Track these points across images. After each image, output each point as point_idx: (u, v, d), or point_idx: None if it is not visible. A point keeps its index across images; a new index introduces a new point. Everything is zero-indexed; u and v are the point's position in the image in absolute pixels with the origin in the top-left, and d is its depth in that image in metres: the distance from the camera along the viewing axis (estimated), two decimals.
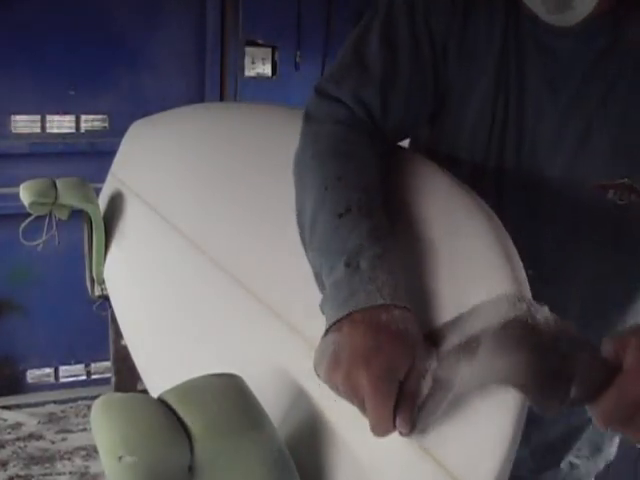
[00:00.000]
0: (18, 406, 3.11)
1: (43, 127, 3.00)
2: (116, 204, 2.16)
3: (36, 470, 2.70)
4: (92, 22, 2.96)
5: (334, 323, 0.79)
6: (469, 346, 0.73)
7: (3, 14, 2.82)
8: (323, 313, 0.83)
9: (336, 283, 0.82)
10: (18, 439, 2.89)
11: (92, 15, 2.95)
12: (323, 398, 1.01)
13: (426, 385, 0.75)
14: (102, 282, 2.16)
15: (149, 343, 1.71)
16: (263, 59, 3.16)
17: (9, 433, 2.93)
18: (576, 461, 1.19)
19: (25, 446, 2.84)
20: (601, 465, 1.25)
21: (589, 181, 0.95)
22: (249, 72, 3.15)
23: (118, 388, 2.29)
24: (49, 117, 3.00)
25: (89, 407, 3.12)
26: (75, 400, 3.17)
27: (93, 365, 3.27)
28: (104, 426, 0.87)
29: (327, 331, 0.80)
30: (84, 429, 2.97)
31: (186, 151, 1.87)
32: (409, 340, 0.75)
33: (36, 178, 2.20)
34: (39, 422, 3.01)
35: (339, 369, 0.76)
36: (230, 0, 3.08)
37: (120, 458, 0.81)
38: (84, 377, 3.27)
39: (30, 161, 2.90)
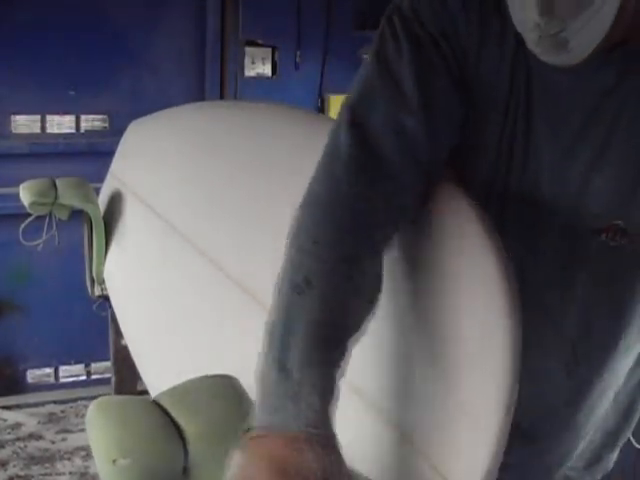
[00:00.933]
0: (18, 406, 3.10)
1: (43, 127, 3.00)
2: (116, 204, 2.16)
3: (36, 470, 2.70)
4: (92, 22, 2.96)
5: (254, 432, 0.77)
6: None
7: (3, 14, 2.81)
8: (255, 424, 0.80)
9: (266, 380, 0.79)
10: (18, 439, 2.89)
11: (92, 15, 2.95)
12: None
13: None
14: (102, 282, 2.16)
15: (149, 343, 1.71)
16: (263, 59, 3.16)
17: (9, 433, 2.93)
18: (571, 473, 1.17)
19: (25, 446, 2.84)
20: (598, 476, 1.23)
21: (586, 221, 0.94)
22: (249, 72, 3.15)
23: (118, 388, 2.29)
24: (49, 117, 3.00)
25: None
26: (75, 400, 3.16)
27: (93, 365, 3.26)
28: (98, 429, 0.88)
29: (244, 439, 0.77)
30: (84, 429, 2.94)
31: (185, 150, 1.87)
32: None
33: (36, 178, 2.20)
34: (39, 422, 3.01)
35: None
36: (230, 0, 3.08)
37: (114, 461, 0.81)
38: (84, 377, 3.27)
39: (30, 161, 2.89)
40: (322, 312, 0.79)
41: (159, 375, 1.56)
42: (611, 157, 0.91)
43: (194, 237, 1.59)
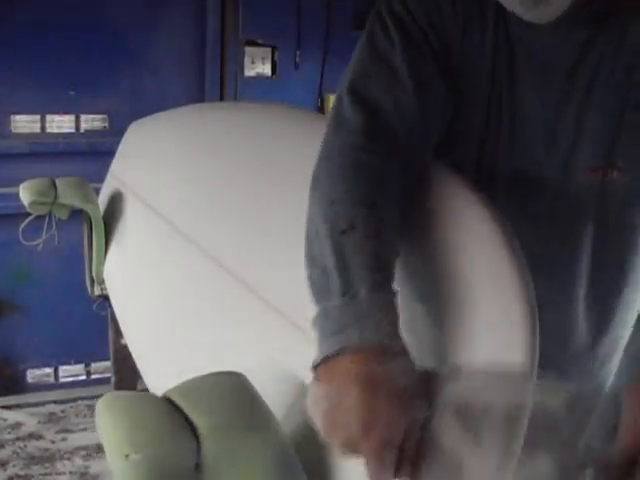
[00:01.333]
0: (18, 406, 3.10)
1: (43, 127, 3.00)
2: (116, 204, 2.16)
3: (36, 470, 2.70)
4: (92, 22, 2.96)
5: (324, 360, 0.79)
6: (472, 413, 0.73)
7: (3, 14, 2.81)
8: (318, 355, 0.82)
9: (328, 310, 0.81)
10: (18, 439, 2.89)
11: (92, 15, 2.95)
12: None
13: (424, 445, 0.74)
14: (102, 282, 2.16)
15: (149, 342, 1.71)
16: (263, 59, 3.15)
17: (9, 433, 2.92)
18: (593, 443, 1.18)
19: (25, 446, 2.84)
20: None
21: (584, 167, 1.00)
22: (249, 72, 3.15)
23: (118, 388, 2.29)
24: (49, 117, 3.00)
25: (89, 407, 3.11)
26: (75, 400, 3.16)
27: (93, 365, 3.26)
28: (110, 425, 0.88)
29: (317, 366, 0.80)
30: (84, 429, 2.96)
31: (185, 151, 1.87)
32: (407, 398, 0.74)
33: (36, 178, 2.20)
34: (39, 422, 3.01)
35: (337, 432, 0.75)
36: (230, 0, 3.08)
37: (127, 456, 0.81)
38: (84, 377, 3.27)
39: (30, 161, 2.89)
40: (372, 245, 0.84)
41: (159, 374, 1.56)
42: (594, 107, 0.99)
43: (194, 237, 1.59)
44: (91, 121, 3.07)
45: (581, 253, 1.02)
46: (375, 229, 0.86)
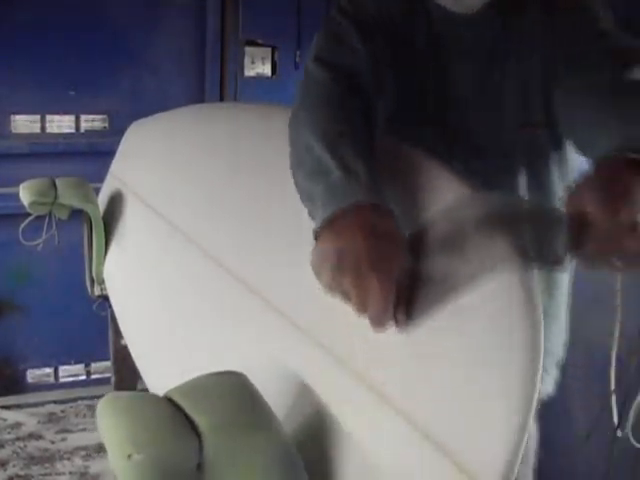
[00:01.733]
0: (18, 406, 3.10)
1: (43, 127, 3.00)
2: (116, 204, 2.16)
3: (36, 470, 2.70)
4: (92, 22, 2.96)
5: (330, 220, 0.90)
6: (454, 242, 0.85)
7: (3, 14, 2.81)
8: (311, 216, 0.97)
9: (331, 187, 0.93)
10: (18, 439, 2.89)
11: (92, 15, 2.95)
12: (329, 394, 1.01)
13: (416, 280, 0.87)
14: (102, 282, 2.16)
15: (149, 342, 1.71)
16: (263, 59, 3.16)
17: (9, 433, 2.92)
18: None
19: (25, 446, 2.84)
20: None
21: (513, 127, 1.23)
22: (249, 72, 3.15)
23: (118, 388, 2.29)
24: (49, 117, 3.00)
25: (89, 407, 3.11)
26: (75, 400, 3.16)
27: (93, 365, 3.27)
28: (112, 425, 0.88)
29: (319, 232, 0.92)
30: (84, 429, 2.96)
31: (185, 151, 1.87)
32: (400, 241, 0.88)
33: (36, 178, 2.20)
34: (39, 422, 3.01)
35: (346, 275, 0.86)
36: (230, 0, 3.08)
37: (129, 456, 0.81)
38: (84, 377, 3.27)
39: (30, 161, 2.89)
40: (361, 146, 0.99)
41: (159, 375, 1.56)
42: (510, 79, 1.22)
43: (194, 237, 1.59)
44: (91, 121, 3.07)
45: (517, 189, 1.24)
46: (361, 134, 1.03)
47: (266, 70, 3.17)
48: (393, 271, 0.85)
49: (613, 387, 1.90)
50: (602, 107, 1.04)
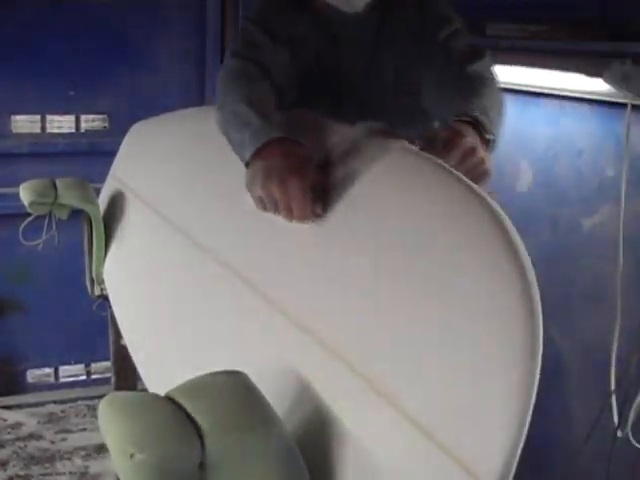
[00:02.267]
0: (18, 406, 3.10)
1: (43, 127, 3.00)
2: (116, 204, 2.16)
3: (36, 470, 2.70)
4: (92, 22, 2.96)
5: (256, 153, 1.22)
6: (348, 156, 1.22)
7: (3, 14, 2.81)
8: (242, 158, 1.27)
9: (255, 131, 1.25)
10: (18, 439, 2.89)
11: (92, 15, 2.95)
12: (330, 394, 1.01)
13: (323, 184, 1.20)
14: (102, 282, 2.16)
15: (149, 343, 1.71)
16: None
17: (9, 433, 2.93)
18: None
19: (25, 446, 2.84)
20: None
21: (392, 95, 1.61)
22: None
23: (118, 388, 2.29)
24: (49, 117, 3.00)
25: (89, 407, 3.11)
26: (75, 400, 3.16)
27: (93, 365, 3.26)
28: (113, 424, 0.88)
29: (249, 162, 1.24)
30: (84, 429, 2.96)
31: (186, 152, 1.87)
32: (309, 158, 1.22)
33: (36, 178, 2.20)
34: (39, 422, 3.01)
35: (273, 180, 1.17)
36: (230, 0, 3.08)
37: (131, 456, 0.81)
38: (84, 377, 3.27)
39: (30, 161, 2.89)
40: (272, 102, 1.38)
41: (159, 375, 1.56)
42: (389, 61, 1.59)
43: (195, 237, 1.59)
44: (91, 121, 3.07)
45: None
46: (272, 99, 1.39)
47: None
48: (307, 176, 1.17)
49: (613, 387, 1.90)
50: (450, 88, 1.48)
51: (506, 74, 2.26)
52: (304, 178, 1.16)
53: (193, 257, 1.56)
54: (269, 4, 1.63)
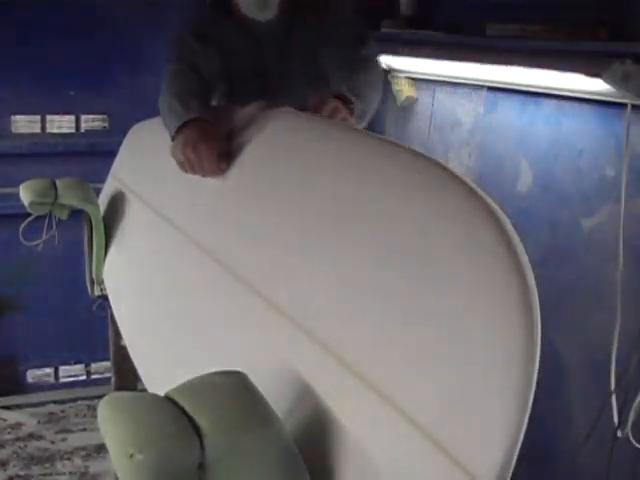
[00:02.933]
0: (18, 406, 3.11)
1: (43, 127, 3.00)
2: (116, 205, 2.16)
3: (36, 470, 2.70)
4: (92, 22, 2.96)
5: (178, 130, 1.68)
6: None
7: (3, 14, 2.82)
8: (170, 135, 1.70)
9: (178, 114, 1.72)
10: (18, 439, 2.89)
11: (92, 15, 2.95)
12: (330, 393, 1.01)
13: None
14: (102, 282, 2.16)
15: (149, 343, 1.71)
16: None
17: (9, 433, 2.93)
18: None
19: (25, 446, 2.84)
20: None
21: (299, 84, 1.97)
22: None
23: (118, 388, 2.29)
24: (49, 117, 3.01)
25: (89, 407, 3.11)
26: (75, 400, 3.17)
27: (93, 365, 3.27)
28: (113, 425, 0.88)
29: (174, 137, 1.69)
30: (84, 429, 2.97)
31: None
32: (218, 132, 1.67)
33: (36, 178, 2.20)
34: (39, 422, 3.01)
35: (189, 147, 1.62)
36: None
37: (131, 456, 0.81)
38: (84, 377, 3.27)
39: (30, 161, 2.89)
40: (198, 98, 1.80)
41: (159, 375, 1.56)
42: (298, 56, 1.96)
43: (195, 238, 1.59)
44: (91, 121, 3.07)
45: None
46: (197, 92, 1.82)
47: None
48: (214, 143, 1.62)
49: (613, 387, 1.90)
50: (341, 70, 1.87)
51: (506, 74, 2.27)
52: (212, 144, 1.61)
53: (193, 257, 1.56)
54: (200, 15, 2.07)
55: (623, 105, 1.90)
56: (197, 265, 1.54)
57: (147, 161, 2.11)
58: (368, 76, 1.88)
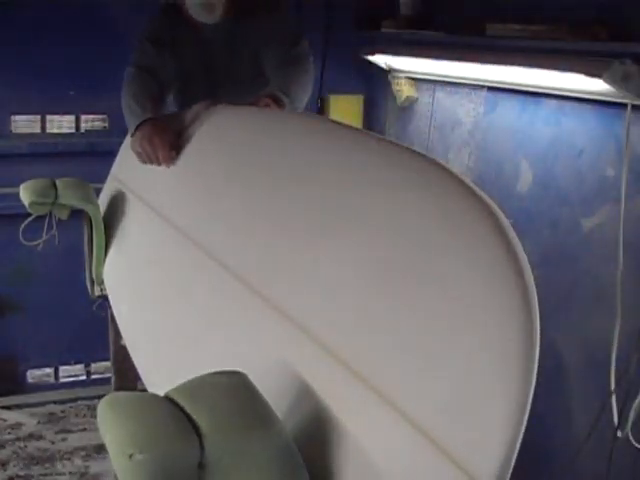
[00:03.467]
0: (18, 406, 3.10)
1: (43, 127, 3.00)
2: (116, 205, 2.16)
3: (36, 470, 2.70)
4: (92, 22, 2.95)
5: (137, 128, 1.98)
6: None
7: (3, 14, 2.81)
8: (130, 133, 2.02)
9: (136, 115, 2.01)
10: (18, 439, 2.89)
11: (92, 15, 2.95)
12: (329, 394, 1.01)
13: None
14: (102, 282, 2.16)
15: (148, 343, 1.71)
16: None
17: (9, 433, 2.93)
18: None
19: (25, 446, 2.84)
20: None
21: (243, 81, 2.26)
22: None
23: (118, 388, 2.29)
24: (49, 117, 3.00)
25: (89, 407, 3.11)
26: (75, 400, 3.16)
27: (93, 365, 3.27)
28: (112, 425, 0.88)
29: (133, 134, 2.00)
30: (84, 429, 2.96)
31: (186, 152, 1.87)
32: (169, 129, 1.96)
33: (36, 178, 2.20)
34: (39, 422, 3.01)
35: (145, 140, 1.94)
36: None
37: (131, 456, 0.81)
38: (84, 377, 3.27)
39: (30, 161, 2.89)
40: (151, 102, 2.08)
41: (159, 375, 1.56)
42: (244, 55, 2.21)
43: (194, 238, 1.59)
44: (91, 121, 3.07)
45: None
46: (152, 95, 2.10)
47: None
48: (166, 137, 1.93)
49: (613, 387, 1.90)
50: (276, 74, 2.13)
51: (506, 74, 2.27)
52: (164, 138, 1.93)
53: (192, 257, 1.56)
54: (155, 19, 2.30)
55: (623, 105, 1.90)
56: (197, 265, 1.54)
57: None
58: (298, 76, 2.12)
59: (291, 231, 1.27)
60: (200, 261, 1.52)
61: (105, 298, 2.16)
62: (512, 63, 2.16)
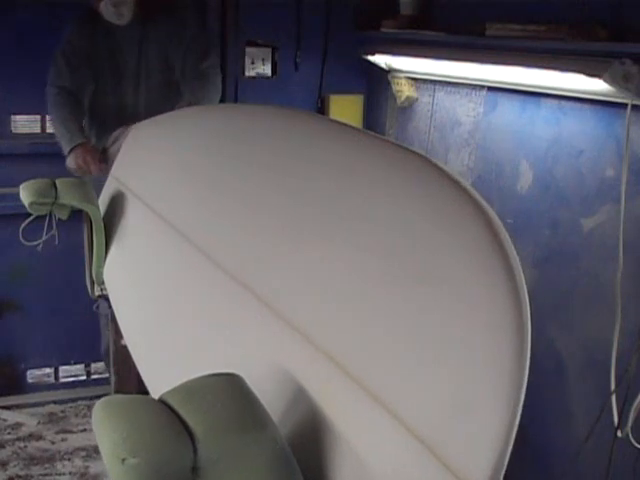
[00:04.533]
0: (18, 406, 3.11)
1: (43, 127, 3.00)
2: (116, 205, 2.16)
3: (36, 470, 2.70)
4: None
5: (71, 150, 2.55)
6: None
7: (3, 14, 2.82)
8: (65, 153, 2.58)
9: (67, 139, 2.56)
10: (18, 439, 2.89)
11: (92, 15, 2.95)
12: (324, 397, 1.01)
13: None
14: (102, 282, 2.16)
15: (148, 343, 1.71)
16: (263, 59, 3.15)
17: (9, 433, 2.93)
18: None
19: (25, 446, 2.84)
20: None
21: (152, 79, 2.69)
22: (249, 72, 3.15)
23: (118, 388, 2.29)
24: (49, 117, 3.00)
25: (89, 407, 3.12)
26: (75, 400, 3.17)
27: (93, 365, 3.26)
28: (106, 428, 0.87)
29: (67, 155, 2.56)
30: (84, 429, 2.96)
31: (185, 152, 1.87)
32: (96, 150, 2.60)
33: (36, 178, 2.20)
34: (39, 422, 3.01)
35: (80, 158, 2.54)
36: (230, 0, 3.08)
37: (123, 460, 0.81)
38: (84, 377, 3.27)
39: (30, 161, 2.90)
40: (76, 123, 2.64)
41: (159, 375, 1.56)
42: (152, 54, 2.62)
43: (194, 238, 1.59)
44: None
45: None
46: (75, 115, 2.63)
47: (266, 70, 3.17)
48: (94, 155, 2.54)
49: (613, 387, 1.90)
50: (185, 84, 2.54)
51: (506, 74, 2.27)
52: (93, 155, 2.51)
53: (192, 258, 1.56)
54: (73, 28, 2.62)
55: (623, 105, 1.90)
56: (196, 265, 1.54)
57: (147, 161, 2.11)
58: (206, 91, 2.55)
59: (288, 231, 1.27)
60: (199, 261, 1.52)
61: (105, 298, 2.16)
62: (512, 63, 2.16)
